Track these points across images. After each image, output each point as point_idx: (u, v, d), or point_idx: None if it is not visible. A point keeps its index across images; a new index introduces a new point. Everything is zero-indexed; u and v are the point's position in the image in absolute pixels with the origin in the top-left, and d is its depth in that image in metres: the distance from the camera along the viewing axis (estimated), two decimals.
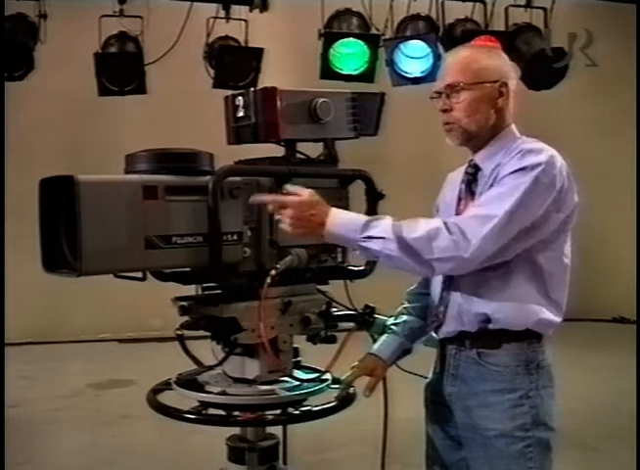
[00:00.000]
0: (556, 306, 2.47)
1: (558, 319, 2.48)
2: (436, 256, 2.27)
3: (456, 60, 2.54)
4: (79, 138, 8.67)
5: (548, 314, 2.45)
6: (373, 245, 2.27)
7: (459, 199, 2.57)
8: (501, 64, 2.53)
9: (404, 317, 2.71)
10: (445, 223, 2.30)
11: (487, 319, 2.42)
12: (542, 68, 7.04)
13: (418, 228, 2.29)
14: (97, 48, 7.06)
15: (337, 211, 2.31)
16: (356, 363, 2.67)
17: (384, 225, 2.28)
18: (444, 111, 2.50)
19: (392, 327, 2.68)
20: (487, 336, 2.44)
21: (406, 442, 3.11)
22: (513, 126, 2.56)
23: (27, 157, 8.27)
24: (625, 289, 9.35)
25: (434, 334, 2.61)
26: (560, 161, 2.39)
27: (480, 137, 2.51)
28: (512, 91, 2.52)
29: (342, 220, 2.30)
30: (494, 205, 2.31)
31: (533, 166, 2.33)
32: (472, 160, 2.56)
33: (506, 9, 7.34)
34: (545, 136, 2.55)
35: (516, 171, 2.34)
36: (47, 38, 6.97)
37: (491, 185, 2.40)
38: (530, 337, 2.45)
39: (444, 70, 2.54)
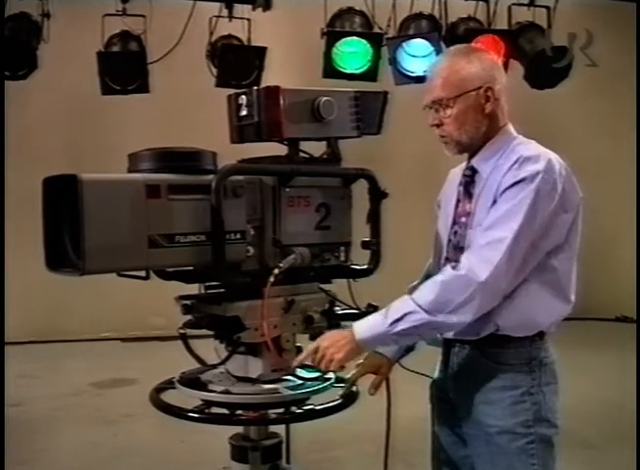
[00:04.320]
0: (568, 305, 2.49)
1: (565, 315, 2.49)
2: (462, 298, 2.31)
3: (436, 73, 2.52)
4: (82, 137, 8.68)
5: (557, 316, 2.48)
6: (402, 325, 2.32)
7: (457, 200, 2.58)
8: (482, 67, 2.49)
9: None
10: (454, 266, 2.35)
11: (495, 327, 2.42)
12: (545, 66, 7.03)
13: (431, 288, 2.36)
14: (100, 47, 7.05)
15: (357, 323, 2.39)
16: (361, 361, 2.68)
17: (399, 304, 2.35)
18: (436, 125, 2.51)
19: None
20: (492, 336, 2.45)
21: (409, 440, 3.12)
22: (509, 126, 2.55)
23: (31, 156, 8.28)
24: (628, 288, 9.34)
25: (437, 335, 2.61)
26: (558, 162, 2.40)
27: (473, 145, 2.53)
28: (500, 92, 2.50)
29: (365, 325, 2.38)
30: (502, 227, 2.33)
31: (533, 177, 2.34)
32: (469, 162, 2.57)
33: (509, 7, 7.32)
34: (545, 136, 2.56)
35: (516, 184, 2.35)
36: (50, 37, 6.97)
37: (494, 200, 2.40)
38: (533, 335, 2.47)
39: (428, 82, 2.54)
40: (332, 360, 2.37)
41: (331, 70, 7.07)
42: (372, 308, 2.59)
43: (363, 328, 2.38)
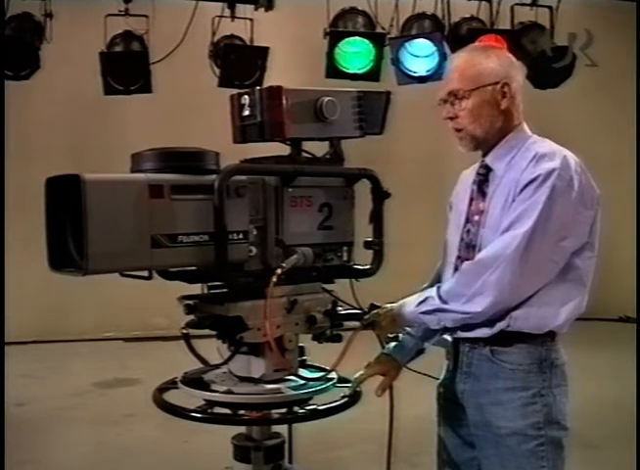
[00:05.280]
0: (584, 304, 2.49)
1: (580, 314, 2.50)
2: (472, 289, 2.37)
3: (454, 66, 2.56)
4: (85, 137, 8.68)
5: (573, 316, 2.47)
6: (424, 307, 2.46)
7: (471, 199, 2.58)
8: (500, 64, 2.52)
9: None
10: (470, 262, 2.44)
11: (509, 321, 2.42)
12: (548, 66, 7.03)
13: (451, 280, 2.47)
14: (102, 47, 7.06)
15: (403, 300, 2.55)
16: (370, 362, 2.68)
17: (430, 290, 2.49)
18: (450, 119, 2.52)
19: (406, 328, 2.68)
20: (503, 335, 2.44)
21: (413, 440, 3.12)
22: (524, 125, 2.57)
23: (33, 156, 8.29)
24: (631, 288, 9.33)
25: (447, 337, 2.61)
26: (574, 160, 2.41)
27: (488, 141, 2.52)
28: (516, 90, 2.52)
29: (404, 301, 2.54)
30: (517, 225, 2.35)
31: (548, 174, 2.35)
32: (483, 160, 2.57)
33: (512, 7, 7.33)
34: (546, 136, 2.56)
35: (532, 181, 2.36)
36: (53, 37, 6.98)
37: (512, 199, 2.41)
38: (545, 335, 2.46)
39: (445, 76, 2.56)
40: (381, 328, 2.56)
41: (333, 70, 7.08)
42: (374, 309, 2.59)
43: (402, 303, 2.54)
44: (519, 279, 2.35)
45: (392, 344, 2.70)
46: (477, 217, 2.53)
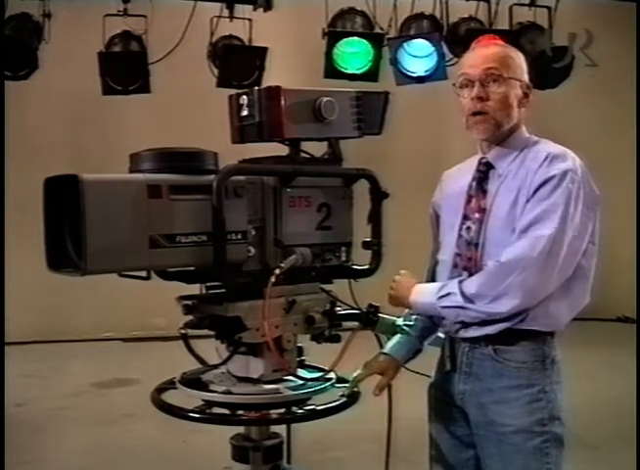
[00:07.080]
0: (586, 301, 2.51)
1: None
2: (497, 290, 2.36)
3: (494, 51, 2.57)
4: (83, 137, 8.69)
5: (575, 313, 2.49)
6: (445, 302, 2.44)
7: (469, 196, 2.57)
8: (525, 65, 2.58)
9: (414, 316, 2.70)
10: (497, 260, 2.40)
11: (521, 321, 2.42)
12: (547, 66, 7.03)
13: (477, 277, 2.44)
14: (101, 47, 7.08)
15: (420, 285, 2.57)
16: (368, 362, 2.68)
17: (452, 282, 2.45)
18: (479, 98, 2.49)
19: (405, 327, 2.68)
20: (506, 333, 2.45)
21: (411, 440, 3.11)
22: (523, 127, 2.59)
23: (32, 156, 8.29)
24: (630, 288, 9.33)
25: (441, 335, 2.61)
26: (578, 161, 2.45)
27: (503, 133, 2.53)
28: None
29: (421, 290, 2.55)
30: (539, 225, 2.36)
31: (563, 175, 2.37)
32: (483, 157, 2.57)
33: (510, 8, 7.34)
34: (545, 136, 2.57)
35: (547, 182, 2.38)
36: (51, 37, 6.99)
37: (527, 198, 2.41)
38: (546, 333, 2.48)
39: (477, 59, 2.54)
40: (390, 295, 2.58)
41: (332, 71, 7.09)
42: (373, 309, 2.59)
43: (419, 291, 2.54)
44: (543, 282, 2.36)
45: (391, 343, 2.70)
46: (477, 215, 2.53)
